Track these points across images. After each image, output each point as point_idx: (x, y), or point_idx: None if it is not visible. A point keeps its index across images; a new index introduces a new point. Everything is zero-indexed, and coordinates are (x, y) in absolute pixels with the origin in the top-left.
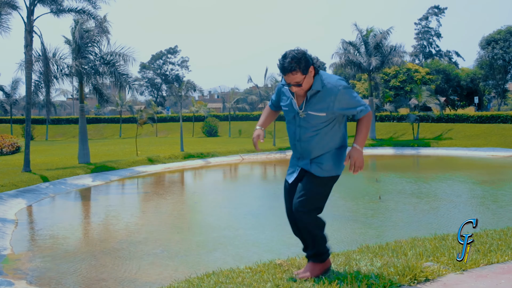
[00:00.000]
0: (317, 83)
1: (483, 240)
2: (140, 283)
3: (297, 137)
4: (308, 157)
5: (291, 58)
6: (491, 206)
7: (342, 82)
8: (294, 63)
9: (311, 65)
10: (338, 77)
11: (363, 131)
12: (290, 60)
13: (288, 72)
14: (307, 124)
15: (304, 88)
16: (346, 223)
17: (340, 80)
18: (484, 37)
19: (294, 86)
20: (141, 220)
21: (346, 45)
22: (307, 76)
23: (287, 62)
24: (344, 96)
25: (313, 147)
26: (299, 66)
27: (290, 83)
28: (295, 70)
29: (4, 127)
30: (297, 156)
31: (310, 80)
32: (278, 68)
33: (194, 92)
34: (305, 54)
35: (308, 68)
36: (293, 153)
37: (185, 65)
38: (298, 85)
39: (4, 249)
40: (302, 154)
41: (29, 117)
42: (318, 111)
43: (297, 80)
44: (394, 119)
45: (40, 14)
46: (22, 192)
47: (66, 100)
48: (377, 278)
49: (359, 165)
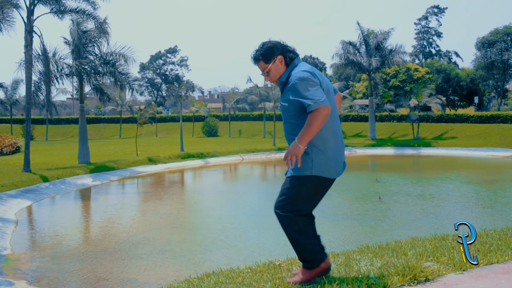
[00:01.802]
0: (284, 74)
1: (483, 240)
2: (140, 283)
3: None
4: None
5: (258, 48)
6: (491, 206)
7: (301, 74)
8: (258, 53)
9: (277, 55)
10: (306, 69)
11: (305, 127)
12: (256, 49)
13: (254, 62)
14: (282, 114)
15: (273, 77)
16: (346, 223)
17: (303, 72)
18: (479, 38)
19: (263, 75)
20: (141, 220)
21: (346, 45)
22: (274, 66)
23: (254, 51)
24: (294, 88)
25: (288, 139)
26: (262, 55)
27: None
28: (258, 59)
29: (4, 127)
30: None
31: (280, 70)
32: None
33: (194, 92)
34: (271, 44)
35: (272, 57)
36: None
37: (184, 64)
38: (264, 74)
39: (4, 249)
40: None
41: (29, 117)
42: (283, 101)
43: (262, 68)
44: (394, 119)
45: (40, 14)
46: (22, 192)
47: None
48: (377, 278)
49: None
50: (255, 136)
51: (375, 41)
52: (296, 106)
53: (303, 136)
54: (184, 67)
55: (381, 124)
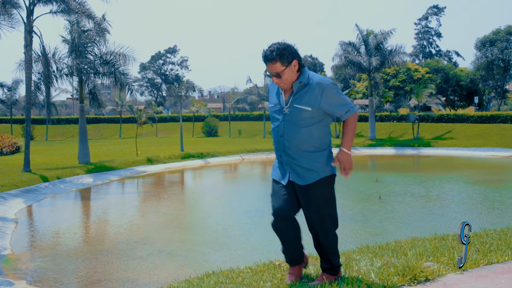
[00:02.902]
0: (304, 76)
1: (483, 240)
2: (140, 283)
3: (281, 132)
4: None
5: (273, 48)
6: (491, 206)
7: (330, 79)
8: (275, 53)
9: (294, 59)
10: (324, 76)
11: (349, 134)
12: (271, 49)
13: (268, 61)
14: (292, 119)
15: (285, 81)
16: (346, 223)
17: (327, 78)
18: (478, 38)
19: (274, 77)
20: (141, 220)
21: (346, 46)
22: (288, 69)
23: (268, 51)
24: (331, 91)
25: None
26: (279, 56)
27: (271, 74)
28: (274, 59)
29: (4, 127)
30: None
31: (293, 74)
32: (262, 57)
33: (194, 92)
34: (288, 46)
35: (290, 60)
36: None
37: (184, 65)
38: (277, 75)
39: (4, 249)
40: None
41: (29, 117)
42: (304, 105)
43: (277, 70)
44: (394, 119)
45: (40, 14)
46: (22, 192)
47: (66, 100)
48: (377, 278)
49: (349, 167)
50: (255, 136)
51: (375, 41)
52: (319, 112)
53: (349, 142)
54: (184, 67)
55: (381, 124)
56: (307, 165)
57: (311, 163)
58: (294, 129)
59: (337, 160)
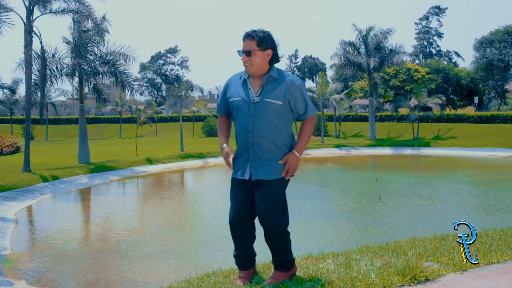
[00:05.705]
0: (274, 71)
1: (483, 240)
2: (140, 283)
3: (250, 127)
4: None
5: (256, 30)
6: (491, 206)
7: (300, 79)
8: (256, 33)
9: (270, 49)
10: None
11: (304, 139)
12: (254, 30)
13: (246, 38)
14: (260, 113)
15: (253, 63)
16: (346, 223)
17: (298, 77)
18: (477, 39)
19: (244, 53)
20: (141, 220)
21: (346, 45)
22: (261, 53)
23: (251, 30)
24: (300, 89)
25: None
26: (259, 37)
27: (243, 50)
28: (253, 37)
29: (4, 127)
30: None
31: (263, 62)
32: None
33: (193, 92)
34: (270, 35)
35: (266, 47)
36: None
37: (185, 65)
38: (248, 53)
39: (4, 249)
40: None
41: (29, 117)
42: (274, 99)
43: (249, 47)
44: (394, 119)
45: (40, 14)
46: (22, 192)
47: (66, 100)
48: (377, 278)
49: (293, 170)
50: None
51: (374, 41)
52: (287, 108)
53: (302, 147)
54: (185, 68)
55: (380, 124)
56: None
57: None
58: (261, 123)
59: (286, 159)
